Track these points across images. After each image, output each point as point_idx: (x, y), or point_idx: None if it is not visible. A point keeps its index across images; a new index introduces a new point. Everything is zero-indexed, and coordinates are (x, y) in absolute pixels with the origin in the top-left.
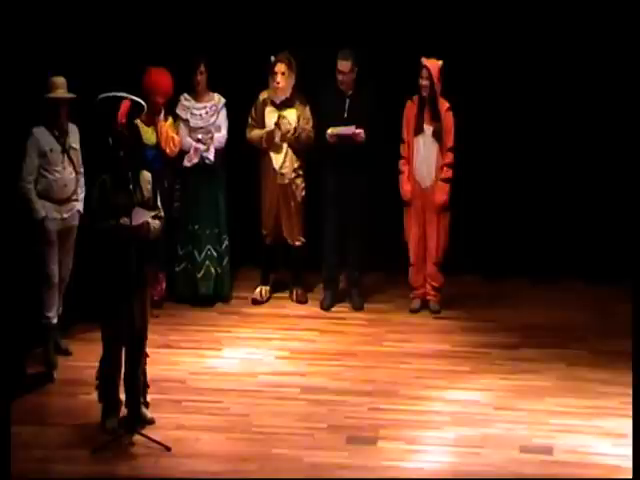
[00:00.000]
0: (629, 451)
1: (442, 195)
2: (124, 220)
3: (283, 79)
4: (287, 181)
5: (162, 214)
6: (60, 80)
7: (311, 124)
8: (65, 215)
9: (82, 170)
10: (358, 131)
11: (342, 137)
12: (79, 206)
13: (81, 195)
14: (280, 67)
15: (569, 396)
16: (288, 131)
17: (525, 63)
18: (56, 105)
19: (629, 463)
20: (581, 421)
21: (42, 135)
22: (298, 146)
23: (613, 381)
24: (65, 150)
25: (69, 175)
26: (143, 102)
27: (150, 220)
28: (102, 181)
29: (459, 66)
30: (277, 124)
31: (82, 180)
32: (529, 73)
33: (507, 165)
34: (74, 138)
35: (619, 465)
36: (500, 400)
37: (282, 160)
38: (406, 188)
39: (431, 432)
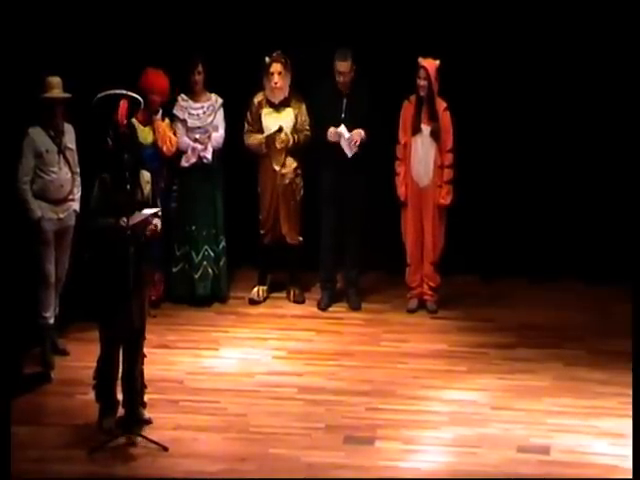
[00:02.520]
0: (626, 451)
1: (447, 197)
2: (123, 220)
3: (280, 79)
4: (288, 181)
5: (160, 214)
6: (56, 80)
7: (308, 122)
8: (61, 215)
9: (78, 170)
10: (356, 139)
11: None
12: (75, 206)
13: (77, 195)
14: (276, 67)
15: (566, 396)
16: (289, 140)
17: (522, 63)
18: (51, 105)
19: (626, 463)
20: (578, 421)
21: (38, 136)
22: (297, 147)
23: (611, 381)
24: (61, 150)
25: (65, 175)
26: (140, 97)
27: (150, 218)
28: (102, 179)
29: (454, 66)
30: (277, 133)
31: (78, 180)
32: (526, 73)
33: (505, 164)
34: (70, 138)
35: (616, 465)
36: (497, 400)
37: (283, 161)
38: (402, 190)
39: (428, 432)
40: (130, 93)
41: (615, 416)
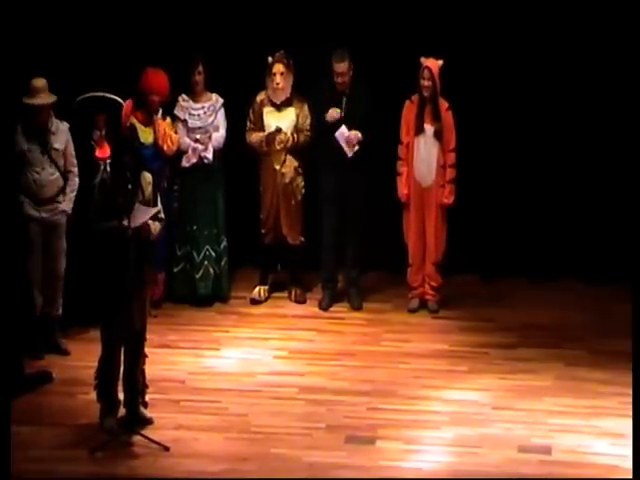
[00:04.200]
0: (627, 451)
1: (450, 197)
2: (124, 221)
3: (282, 79)
4: (288, 180)
5: (162, 215)
6: (40, 83)
7: (309, 122)
8: (44, 215)
9: (74, 170)
10: (354, 136)
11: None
12: (64, 206)
13: (70, 195)
14: (278, 67)
15: (567, 396)
16: (288, 140)
17: (523, 63)
18: (38, 109)
19: (627, 463)
20: (579, 421)
21: (21, 134)
22: (297, 147)
23: (611, 381)
24: (46, 151)
25: (49, 176)
26: (120, 100)
27: (150, 222)
28: (102, 181)
29: (455, 65)
30: (275, 133)
31: (74, 180)
32: (527, 73)
33: (505, 164)
34: (58, 138)
35: (617, 465)
36: (498, 400)
37: (283, 160)
38: (404, 191)
39: (429, 432)
40: (110, 95)
41: (616, 416)
